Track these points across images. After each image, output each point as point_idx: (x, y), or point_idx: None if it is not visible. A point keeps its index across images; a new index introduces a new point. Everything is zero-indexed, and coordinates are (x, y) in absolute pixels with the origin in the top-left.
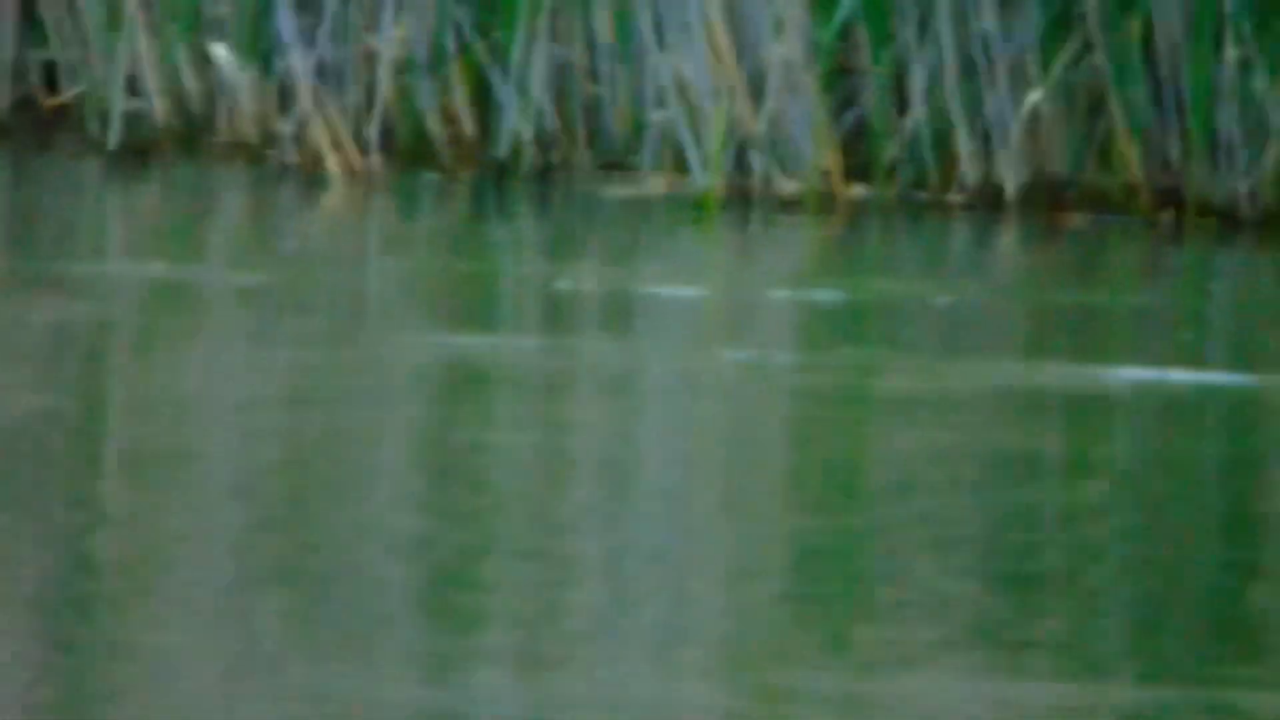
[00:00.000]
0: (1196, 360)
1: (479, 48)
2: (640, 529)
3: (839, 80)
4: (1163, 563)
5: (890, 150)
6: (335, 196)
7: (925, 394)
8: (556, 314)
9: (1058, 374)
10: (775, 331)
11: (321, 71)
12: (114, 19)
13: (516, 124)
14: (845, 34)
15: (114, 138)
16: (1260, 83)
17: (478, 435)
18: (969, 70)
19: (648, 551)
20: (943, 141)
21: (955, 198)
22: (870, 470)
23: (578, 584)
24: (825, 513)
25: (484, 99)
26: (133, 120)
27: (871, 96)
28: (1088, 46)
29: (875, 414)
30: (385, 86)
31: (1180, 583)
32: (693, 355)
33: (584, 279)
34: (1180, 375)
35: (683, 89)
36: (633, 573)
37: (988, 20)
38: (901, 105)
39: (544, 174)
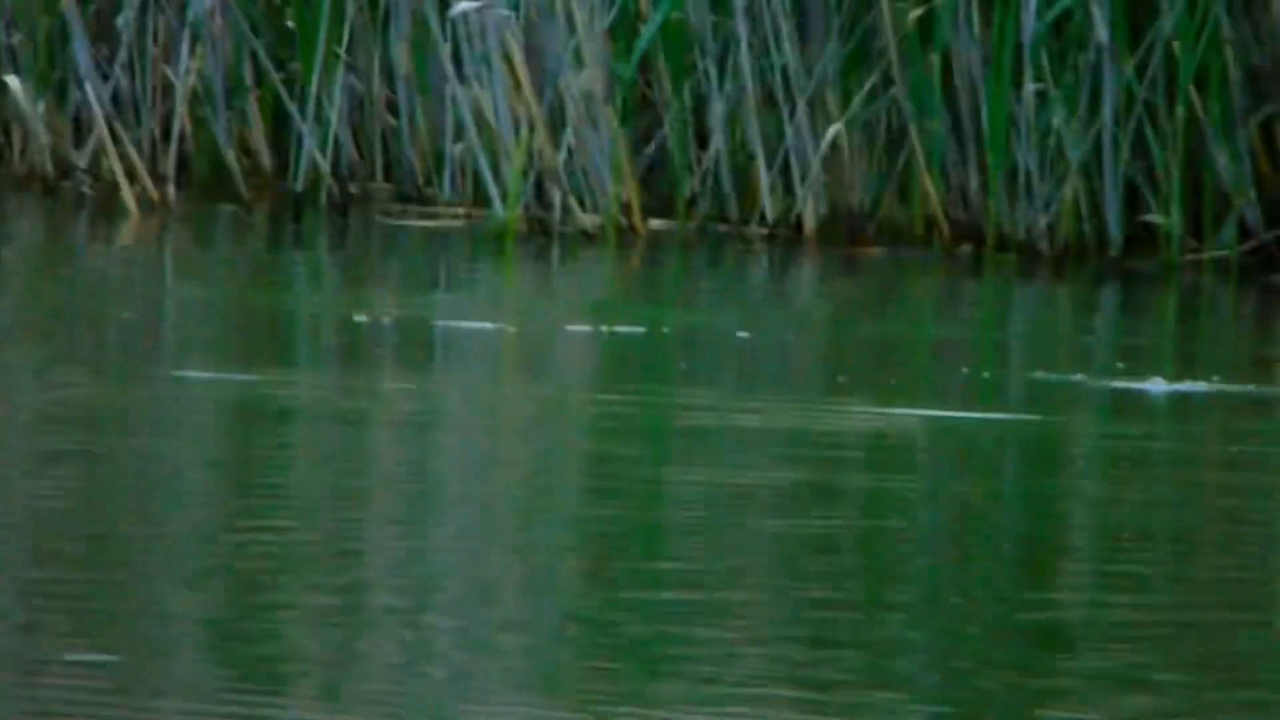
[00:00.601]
0: (994, 397)
1: (276, 79)
2: (434, 565)
3: (639, 113)
4: (958, 598)
5: (690, 183)
6: (131, 228)
7: (723, 429)
8: (354, 347)
9: (855, 409)
10: (575, 365)
11: (117, 102)
12: None
13: (314, 156)
14: (645, 66)
15: None
16: (1058, 117)
17: (271, 471)
18: (769, 103)
19: (443, 590)
20: (743, 174)
21: (755, 230)
22: (666, 506)
23: (373, 619)
24: (621, 549)
25: (281, 131)
26: None
27: (671, 129)
28: (887, 80)
29: (673, 449)
30: (182, 118)
31: (974, 619)
32: (491, 389)
33: (382, 311)
34: (976, 412)
35: (482, 121)
36: (428, 610)
37: (787, 53)
38: (701, 138)
39: (342, 206)
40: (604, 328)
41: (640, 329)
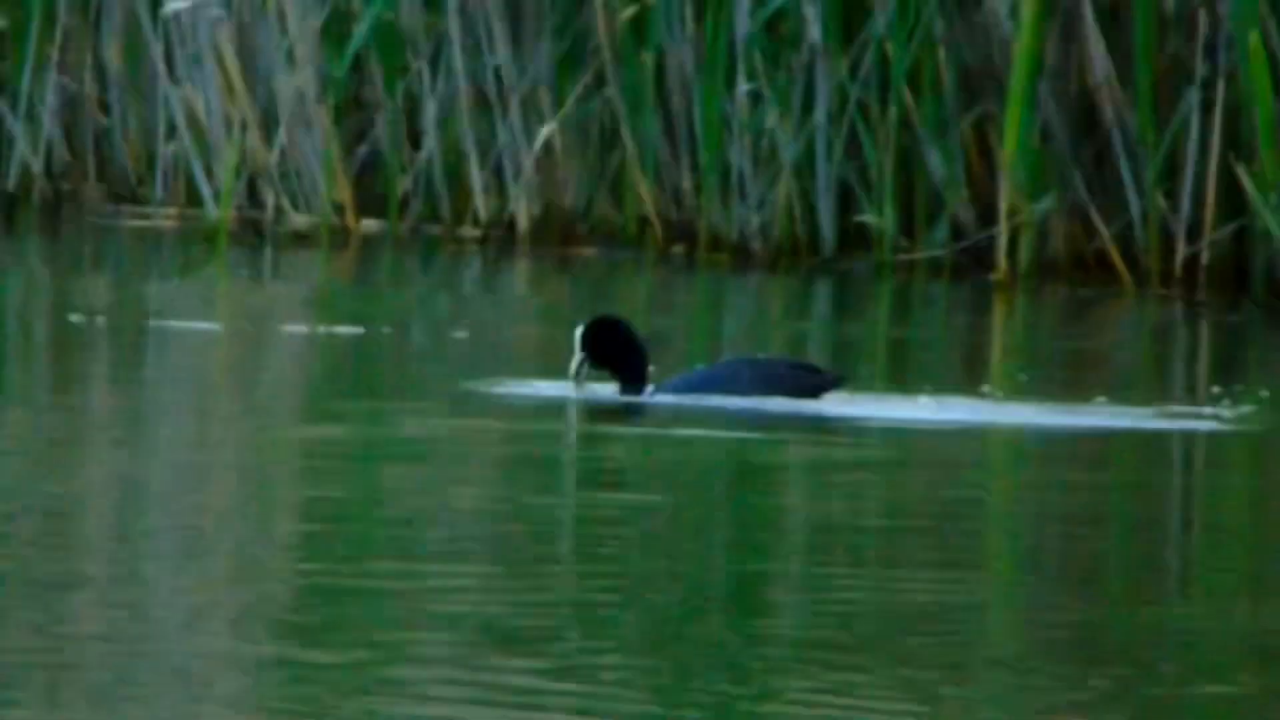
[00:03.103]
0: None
1: None
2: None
3: (351, 113)
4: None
5: (403, 183)
6: None
7: (438, 438)
8: (67, 348)
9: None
10: (291, 369)
11: None
12: None
13: (25, 155)
14: (357, 66)
15: None
16: (771, 117)
17: None
18: (482, 103)
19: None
20: (456, 175)
21: (468, 231)
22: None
23: None
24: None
25: None
26: None
27: (384, 129)
28: (600, 80)
29: (383, 463)
30: None
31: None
32: (204, 397)
33: (95, 312)
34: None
35: (194, 121)
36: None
37: (500, 53)
38: (414, 138)
39: (54, 205)
40: (320, 328)
41: (358, 329)
